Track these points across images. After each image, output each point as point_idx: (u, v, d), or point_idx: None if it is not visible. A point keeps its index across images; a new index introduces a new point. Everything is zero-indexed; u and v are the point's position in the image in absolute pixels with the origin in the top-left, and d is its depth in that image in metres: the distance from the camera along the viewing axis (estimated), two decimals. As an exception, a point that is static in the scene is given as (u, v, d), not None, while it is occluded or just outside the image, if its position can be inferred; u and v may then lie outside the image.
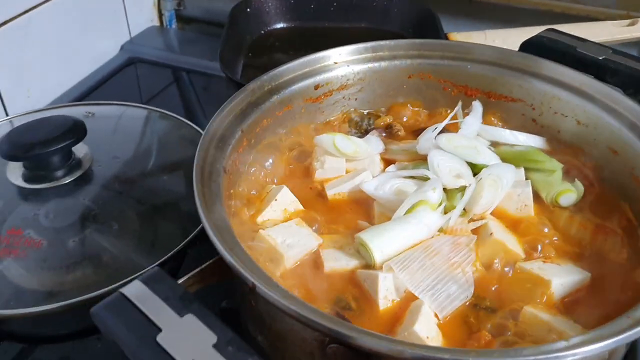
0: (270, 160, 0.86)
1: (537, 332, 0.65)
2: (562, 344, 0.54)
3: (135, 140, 1.17)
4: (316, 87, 0.92)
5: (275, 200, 0.79)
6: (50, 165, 1.02)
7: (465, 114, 0.91)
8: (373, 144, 0.89)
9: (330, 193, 0.83)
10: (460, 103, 0.92)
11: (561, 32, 0.97)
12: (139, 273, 0.68)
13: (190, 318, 0.55)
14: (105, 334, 0.56)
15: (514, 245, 0.74)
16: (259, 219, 0.78)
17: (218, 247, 0.62)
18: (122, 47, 1.67)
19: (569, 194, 0.81)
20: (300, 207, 0.81)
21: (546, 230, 0.78)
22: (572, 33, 0.99)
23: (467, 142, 0.85)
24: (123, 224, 0.98)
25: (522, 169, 0.84)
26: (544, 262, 0.73)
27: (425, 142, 0.85)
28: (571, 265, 0.73)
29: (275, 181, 0.85)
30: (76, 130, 1.03)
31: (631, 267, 0.73)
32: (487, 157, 0.83)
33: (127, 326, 0.55)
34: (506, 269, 0.72)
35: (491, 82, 0.94)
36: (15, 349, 0.89)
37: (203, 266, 0.66)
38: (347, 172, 0.86)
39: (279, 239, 0.73)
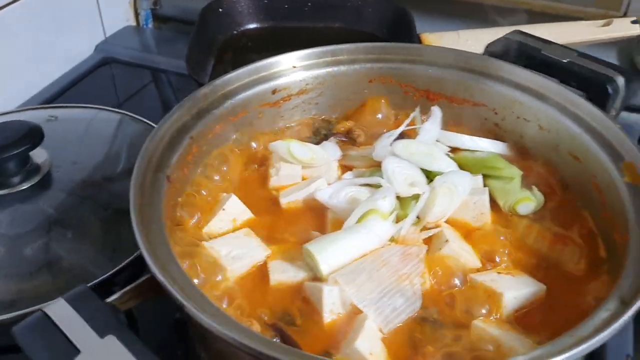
0: (225, 168, 0.84)
1: (486, 347, 0.62)
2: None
3: (99, 145, 1.14)
4: (274, 91, 0.90)
5: (223, 209, 0.77)
6: (6, 172, 1.00)
7: (424, 120, 0.88)
8: (330, 151, 0.86)
9: (284, 201, 0.81)
10: (418, 109, 0.90)
11: (527, 33, 0.95)
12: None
13: (111, 340, 0.53)
14: (26, 353, 0.53)
15: (468, 255, 0.72)
16: (206, 229, 0.76)
17: (149, 263, 0.59)
18: (96, 48, 1.65)
19: (527, 202, 0.79)
20: (251, 216, 0.79)
21: (502, 239, 0.75)
22: (548, 33, 0.96)
23: (424, 148, 0.82)
24: (83, 230, 0.96)
25: (480, 177, 0.81)
26: (498, 273, 0.71)
27: (381, 149, 0.83)
28: (526, 277, 0.71)
29: (229, 189, 0.83)
30: (32, 135, 1.00)
31: (587, 280, 0.71)
32: (444, 164, 0.81)
33: (45, 347, 0.53)
34: (457, 280, 0.70)
35: (453, 86, 0.91)
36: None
37: (139, 282, 0.64)
38: (303, 179, 0.84)
39: (224, 251, 0.71)
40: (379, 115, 0.94)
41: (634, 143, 0.75)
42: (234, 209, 0.78)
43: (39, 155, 1.05)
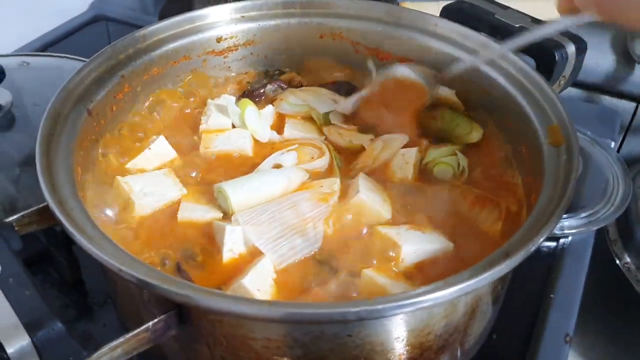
0: (159, 111, 0.84)
1: (372, 295, 0.62)
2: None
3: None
4: (219, 39, 0.90)
5: (149, 148, 0.77)
6: (-35, 105, 1.02)
7: None
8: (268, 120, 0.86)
9: (205, 151, 0.81)
10: (370, 61, 0.89)
11: (488, -2, 0.92)
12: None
13: (-20, 249, 0.53)
14: None
15: (379, 207, 0.71)
16: (129, 166, 0.77)
17: (41, 183, 0.60)
18: (91, 5, 1.66)
19: (444, 167, 0.77)
20: (175, 156, 0.79)
21: (420, 195, 0.74)
22: (534, 9, 0.93)
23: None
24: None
25: None
26: (408, 229, 0.69)
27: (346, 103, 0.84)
28: (435, 234, 0.69)
29: (160, 131, 0.83)
30: (-10, 72, 1.02)
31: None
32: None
33: None
34: (363, 230, 0.69)
35: (402, 46, 0.90)
36: None
37: (37, 207, 0.65)
38: (232, 127, 0.84)
39: (137, 187, 0.72)
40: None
41: (565, 108, 0.73)
42: (160, 149, 0.78)
43: (2, 95, 1.07)
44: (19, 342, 0.47)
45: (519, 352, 0.81)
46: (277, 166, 0.76)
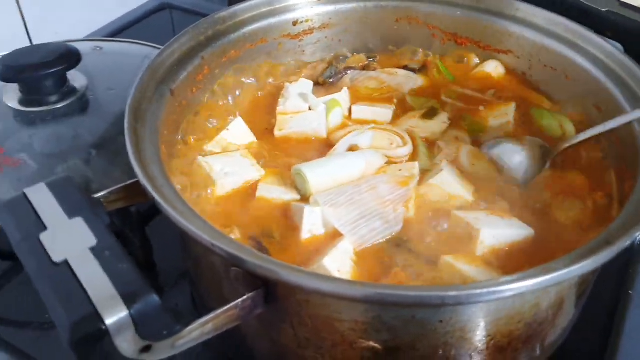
0: (237, 93, 0.84)
1: (452, 281, 0.60)
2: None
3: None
4: (295, 23, 0.89)
5: (227, 130, 0.77)
6: (44, 90, 1.04)
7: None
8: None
9: (279, 133, 0.80)
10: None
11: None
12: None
13: (78, 221, 0.54)
14: (2, 227, 0.56)
15: (460, 188, 0.70)
16: (207, 147, 0.77)
17: (131, 158, 0.61)
18: (159, -9, 1.68)
19: (549, 122, 0.77)
20: (253, 140, 0.79)
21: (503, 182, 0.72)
22: None
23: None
24: (113, 154, 0.98)
25: None
26: (487, 214, 0.68)
27: None
28: (516, 220, 0.67)
29: (238, 113, 0.83)
30: (69, 57, 1.03)
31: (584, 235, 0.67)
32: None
33: (17, 222, 0.55)
34: (441, 213, 0.68)
35: (480, 31, 0.88)
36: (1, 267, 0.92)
37: (125, 184, 0.65)
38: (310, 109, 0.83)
39: (217, 167, 0.72)
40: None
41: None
42: (238, 131, 0.78)
43: (77, 79, 1.09)
44: (117, 314, 0.47)
45: (597, 350, 0.78)
46: (353, 147, 0.75)
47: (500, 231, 0.64)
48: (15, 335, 0.81)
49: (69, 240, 0.52)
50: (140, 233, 0.97)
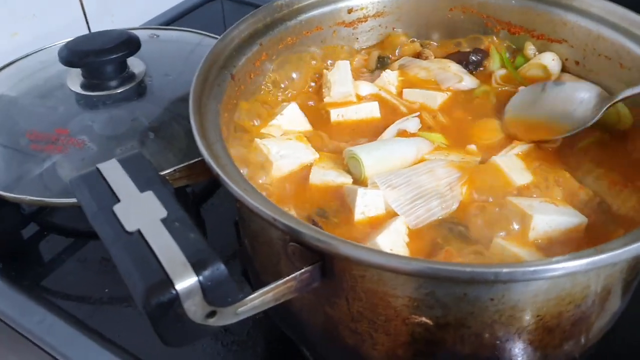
0: (292, 77, 0.87)
1: (503, 261, 0.62)
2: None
3: (194, 64, 1.21)
4: (349, 10, 0.91)
5: (282, 114, 0.80)
6: (105, 75, 1.09)
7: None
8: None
9: (334, 118, 0.83)
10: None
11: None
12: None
13: (149, 195, 0.57)
14: (77, 201, 0.60)
15: (517, 175, 0.71)
16: (263, 130, 0.80)
17: (196, 138, 0.64)
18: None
19: None
20: (307, 125, 0.82)
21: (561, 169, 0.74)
22: None
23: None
24: (169, 138, 1.02)
25: None
26: (541, 201, 0.69)
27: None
28: (570, 208, 0.68)
29: (292, 99, 0.86)
30: (129, 43, 1.08)
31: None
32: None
33: (92, 195, 0.58)
34: (496, 196, 0.69)
35: (534, 19, 0.88)
36: (63, 243, 0.97)
37: (189, 162, 0.69)
38: (357, 98, 0.85)
39: (274, 150, 0.75)
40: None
41: None
42: (292, 116, 0.81)
43: (136, 65, 1.14)
44: (187, 280, 0.49)
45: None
46: (402, 132, 0.78)
47: (553, 217, 0.65)
48: (76, 308, 0.86)
49: (141, 211, 0.55)
50: (195, 212, 1.01)
